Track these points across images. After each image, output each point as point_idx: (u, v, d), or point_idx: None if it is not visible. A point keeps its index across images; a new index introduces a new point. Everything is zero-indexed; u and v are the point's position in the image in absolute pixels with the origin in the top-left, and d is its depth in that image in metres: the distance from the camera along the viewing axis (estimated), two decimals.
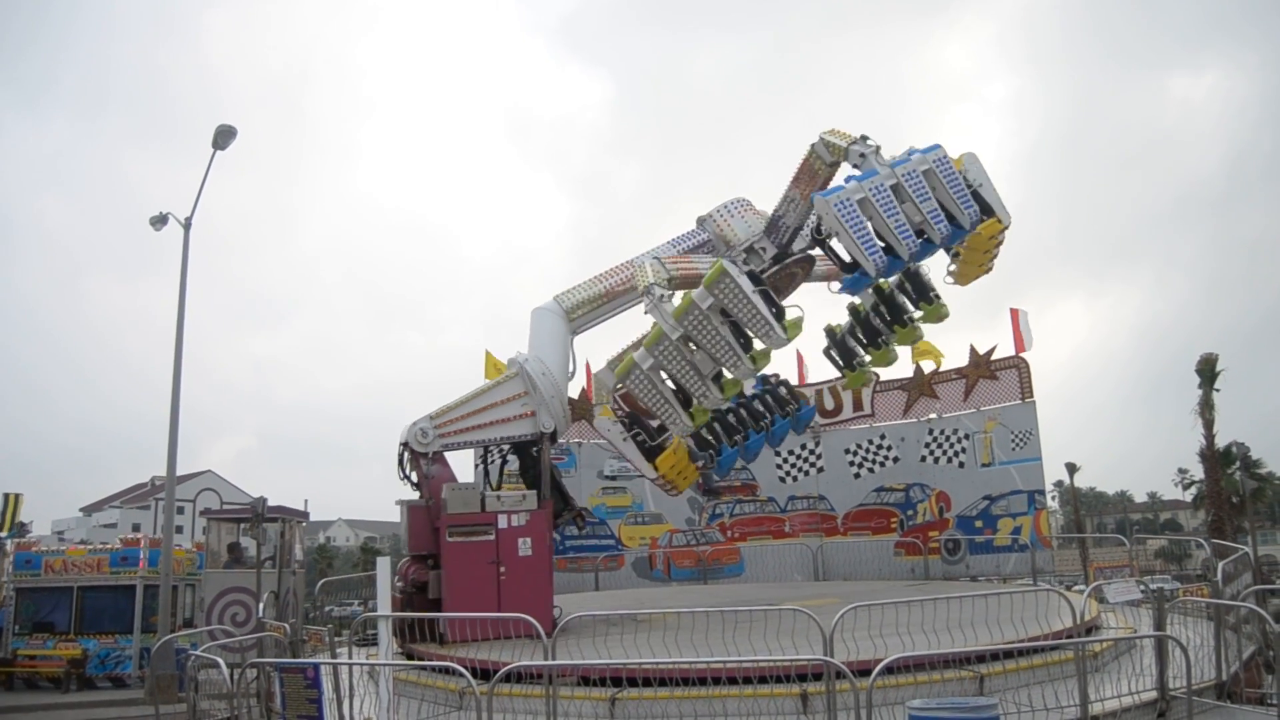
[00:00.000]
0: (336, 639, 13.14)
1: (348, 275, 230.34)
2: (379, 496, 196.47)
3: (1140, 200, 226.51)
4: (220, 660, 9.64)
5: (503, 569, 13.06)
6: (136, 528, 65.85)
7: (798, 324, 13.25)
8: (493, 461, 15.28)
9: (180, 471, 26.08)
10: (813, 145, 14.13)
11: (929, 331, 16.59)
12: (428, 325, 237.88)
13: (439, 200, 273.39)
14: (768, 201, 15.53)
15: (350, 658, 11.94)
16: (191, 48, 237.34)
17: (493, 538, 13.18)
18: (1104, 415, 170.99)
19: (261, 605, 15.27)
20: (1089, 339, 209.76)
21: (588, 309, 15.14)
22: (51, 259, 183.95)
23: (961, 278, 15.50)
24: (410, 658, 12.12)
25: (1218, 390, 40.11)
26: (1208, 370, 40.01)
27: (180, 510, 51.44)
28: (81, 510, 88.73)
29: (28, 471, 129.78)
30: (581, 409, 22.52)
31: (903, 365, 24.26)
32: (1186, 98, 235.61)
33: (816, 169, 14.19)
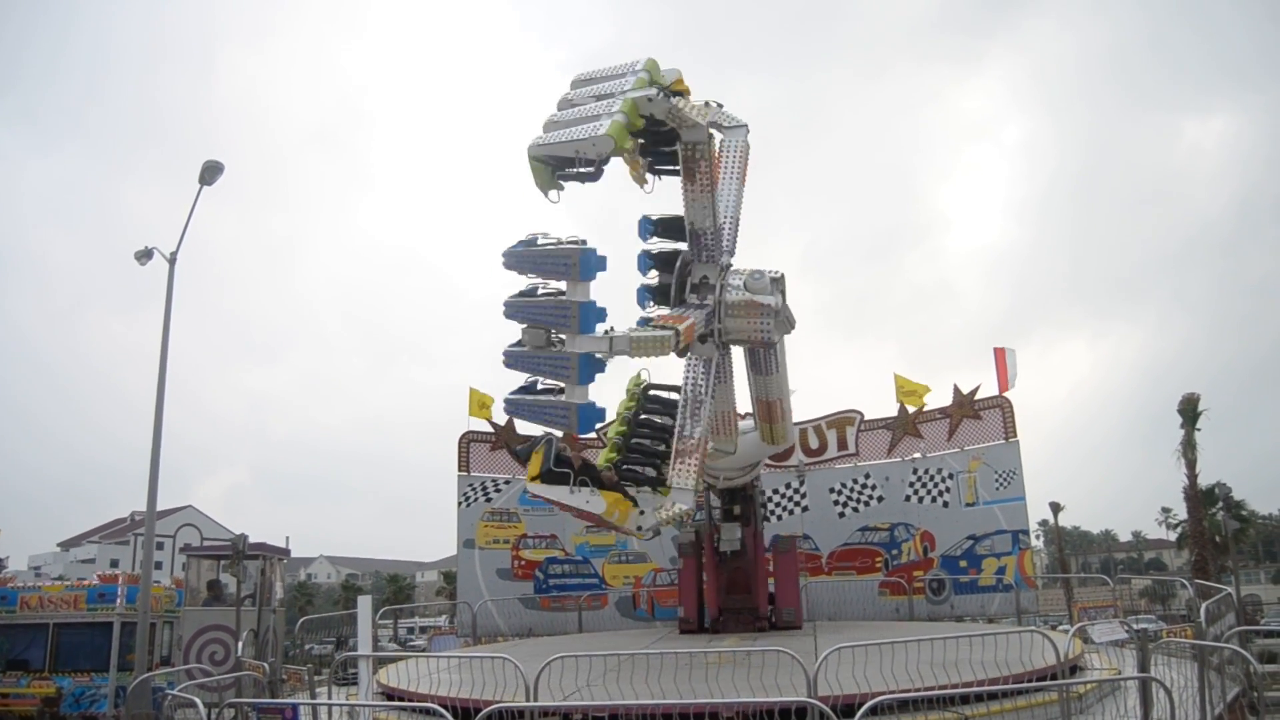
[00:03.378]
0: (316, 678, 13.01)
1: (347, 313, 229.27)
2: (361, 533, 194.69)
3: (1148, 242, 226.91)
4: (198, 700, 9.54)
5: None
6: (115, 564, 65.21)
7: None
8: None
9: (162, 506, 25.81)
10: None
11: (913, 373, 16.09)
12: (431, 361, 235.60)
13: (444, 236, 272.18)
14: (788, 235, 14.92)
15: (330, 698, 11.80)
16: (199, 83, 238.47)
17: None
18: (1100, 455, 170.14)
19: (240, 644, 15.14)
20: (1089, 378, 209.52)
21: None
22: (49, 292, 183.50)
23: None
24: (390, 698, 11.99)
25: (1199, 430, 40.48)
26: (1190, 410, 40.38)
27: (160, 546, 50.69)
28: (59, 545, 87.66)
29: (20, 505, 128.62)
30: None
31: (887, 404, 24.44)
32: (1196, 141, 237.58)
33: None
